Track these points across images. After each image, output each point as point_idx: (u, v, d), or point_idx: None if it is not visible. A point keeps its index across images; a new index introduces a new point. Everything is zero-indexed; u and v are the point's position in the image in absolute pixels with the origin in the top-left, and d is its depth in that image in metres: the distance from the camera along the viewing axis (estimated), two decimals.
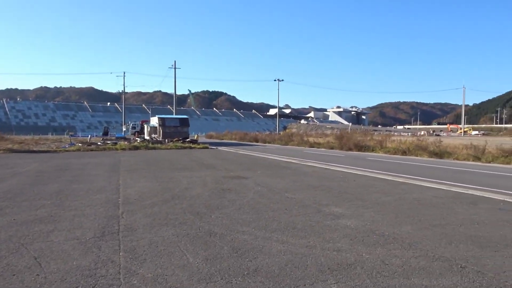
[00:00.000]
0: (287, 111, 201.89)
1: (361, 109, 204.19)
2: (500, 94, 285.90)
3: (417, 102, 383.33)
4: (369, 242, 5.06)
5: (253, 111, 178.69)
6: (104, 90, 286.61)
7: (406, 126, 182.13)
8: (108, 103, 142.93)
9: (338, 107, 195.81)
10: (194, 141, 33.43)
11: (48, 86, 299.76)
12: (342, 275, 3.93)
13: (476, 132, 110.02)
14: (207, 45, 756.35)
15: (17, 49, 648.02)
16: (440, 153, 20.64)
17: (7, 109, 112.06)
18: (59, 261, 4.30)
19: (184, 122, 37.55)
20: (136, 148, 27.48)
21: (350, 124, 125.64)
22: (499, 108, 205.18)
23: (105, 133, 67.30)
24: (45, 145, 32.58)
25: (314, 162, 17.48)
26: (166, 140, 32.72)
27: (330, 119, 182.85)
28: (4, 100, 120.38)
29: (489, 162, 17.71)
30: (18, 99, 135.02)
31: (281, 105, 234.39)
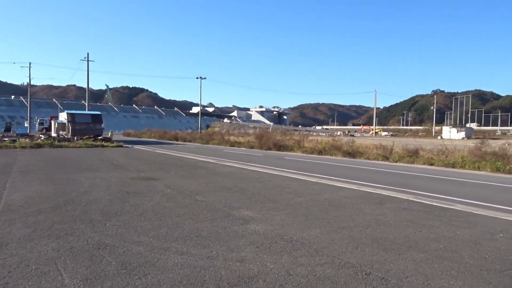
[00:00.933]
0: (211, 109, 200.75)
1: (282, 109, 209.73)
2: (406, 98, 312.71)
3: (334, 104, 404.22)
4: (276, 249, 4.74)
5: (176, 109, 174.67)
6: (9, 82, 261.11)
7: (324, 127, 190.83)
8: (13, 96, 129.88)
9: (261, 106, 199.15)
10: (107, 139, 31.34)
11: None
12: None
13: (386, 133, 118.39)
14: (127, 38, 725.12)
15: None
16: (353, 153, 21.52)
17: None
18: None
19: (96, 119, 35.12)
20: (39, 146, 24.96)
21: (272, 124, 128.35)
22: (405, 111, 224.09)
23: (7, 129, 60.93)
24: None
25: (232, 162, 17.15)
26: (76, 138, 30.29)
27: (253, 118, 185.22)
28: None
29: (396, 162, 18.79)
30: None
31: (205, 103, 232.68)
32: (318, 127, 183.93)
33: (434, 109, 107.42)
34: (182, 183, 10.19)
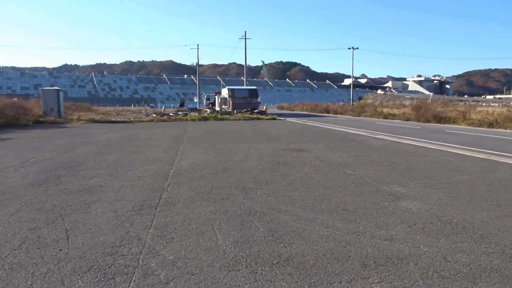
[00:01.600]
0: (363, 81, 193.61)
1: (445, 78, 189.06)
2: None
3: (511, 69, 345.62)
4: (431, 231, 4.28)
5: (327, 81, 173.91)
6: (183, 63, 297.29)
7: (497, 96, 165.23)
8: (185, 76, 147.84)
9: (419, 76, 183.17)
10: (262, 112, 33.15)
11: (132, 60, 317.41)
12: (389, 272, 3.27)
13: None
14: (280, 14, 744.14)
15: (105, 27, 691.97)
16: None
17: (95, 83, 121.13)
18: (88, 236, 4.15)
19: (253, 93, 37.36)
20: (205, 119, 27.90)
21: (432, 94, 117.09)
22: None
23: (181, 105, 69.72)
24: (125, 115, 34.50)
25: (384, 135, 16.24)
26: (235, 111, 32.85)
27: (409, 89, 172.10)
28: (93, 74, 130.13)
29: None
30: (105, 73, 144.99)
31: (357, 75, 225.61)
32: (489, 97, 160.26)
33: None
34: (331, 155, 10.09)
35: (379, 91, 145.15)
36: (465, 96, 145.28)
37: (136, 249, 3.79)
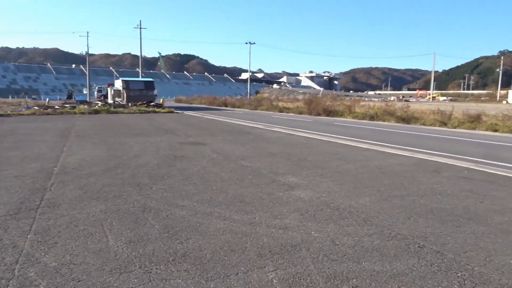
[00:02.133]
0: (260, 75, 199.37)
1: (333, 74, 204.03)
2: (469, 60, 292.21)
3: (388, 68, 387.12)
4: (321, 217, 4.53)
5: (225, 75, 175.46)
6: (70, 51, 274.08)
7: (377, 92, 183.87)
8: (73, 65, 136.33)
9: (311, 72, 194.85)
10: (159, 105, 32.13)
11: (9, 46, 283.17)
12: (284, 260, 3.37)
13: (444, 98, 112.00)
14: (178, 5, 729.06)
15: None
16: (407, 118, 20.48)
17: None
18: None
19: (149, 85, 35.97)
20: (97, 112, 26.10)
21: (322, 89, 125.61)
22: (466, 75, 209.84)
23: (69, 97, 64.30)
24: (0, 108, 30.57)
25: (280, 128, 16.91)
26: (130, 104, 31.31)
27: (302, 84, 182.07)
28: None
29: (455, 128, 17.65)
30: None
31: (254, 69, 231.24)
32: (371, 92, 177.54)
33: (500, 72, 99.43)
34: (228, 148, 10.16)
35: (275, 86, 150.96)
36: (351, 91, 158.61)
37: (11, 258, 3.34)
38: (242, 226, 4.22)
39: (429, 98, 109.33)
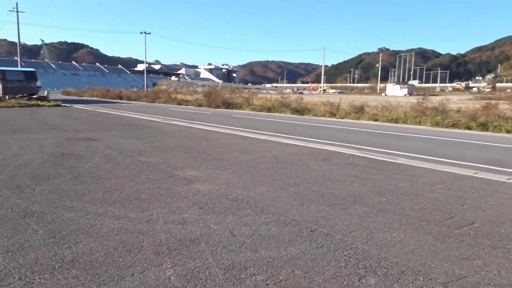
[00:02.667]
0: (157, 67, 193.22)
1: (232, 67, 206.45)
2: (354, 56, 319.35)
3: (284, 62, 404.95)
4: (220, 210, 4.56)
5: (119, 66, 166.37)
6: None
7: (274, 85, 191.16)
8: None
9: (210, 64, 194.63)
10: (43, 98, 29.24)
11: None
12: (182, 255, 3.31)
13: (334, 90, 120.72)
14: None
15: None
16: (301, 110, 21.66)
17: None
18: None
19: (30, 76, 32.45)
20: None
21: (221, 81, 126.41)
22: (352, 69, 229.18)
23: None
24: None
25: (178, 121, 16.61)
26: (7, 97, 27.96)
27: (202, 76, 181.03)
28: None
29: (343, 118, 19.16)
30: None
31: (151, 61, 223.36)
32: (268, 85, 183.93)
33: (379, 67, 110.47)
34: (123, 143, 9.67)
35: (173, 78, 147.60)
36: (249, 84, 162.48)
37: None
38: (139, 224, 4.05)
39: (321, 90, 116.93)
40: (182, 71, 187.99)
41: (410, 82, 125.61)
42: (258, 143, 10.02)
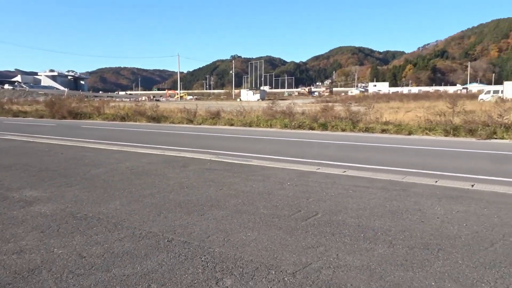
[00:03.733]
0: None
1: (79, 73, 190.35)
2: (208, 63, 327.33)
3: (137, 68, 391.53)
4: (66, 231, 4.12)
5: None
6: None
7: (129, 92, 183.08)
8: None
9: (52, 70, 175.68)
10: None
11: None
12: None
13: (191, 97, 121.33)
14: None
15: None
16: (157, 118, 21.17)
17: None
18: None
19: None
20: None
21: (67, 89, 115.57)
22: (208, 76, 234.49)
23: None
24: None
25: (14, 135, 14.56)
26: None
27: (43, 84, 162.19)
28: None
29: (200, 124, 19.38)
30: None
31: None
32: (122, 93, 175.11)
33: (233, 73, 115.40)
34: None
35: (6, 86, 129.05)
36: (100, 92, 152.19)
37: None
38: None
39: (178, 97, 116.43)
40: (18, 78, 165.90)
41: (262, 88, 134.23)
42: (111, 155, 9.42)
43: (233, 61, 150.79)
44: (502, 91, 43.15)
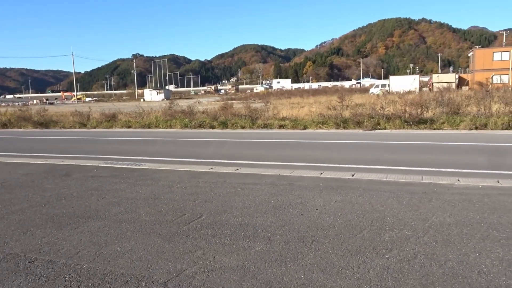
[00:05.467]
0: None
1: None
2: (108, 62, 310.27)
3: (27, 69, 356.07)
4: None
5: None
6: None
7: (17, 95, 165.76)
8: None
9: None
10: None
11: None
12: None
13: (90, 98, 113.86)
14: None
15: None
16: (46, 123, 19.40)
17: None
18: None
19: None
20: None
21: None
22: (108, 76, 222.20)
23: None
24: None
25: None
26: None
27: None
28: None
29: (95, 127, 18.18)
30: None
31: None
32: (9, 96, 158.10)
33: (135, 73, 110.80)
34: None
35: None
36: None
37: None
38: None
39: (75, 99, 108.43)
40: None
41: (167, 87, 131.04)
42: None
43: (135, 60, 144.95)
44: (388, 85, 47.59)
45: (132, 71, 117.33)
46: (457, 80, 48.75)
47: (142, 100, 79.54)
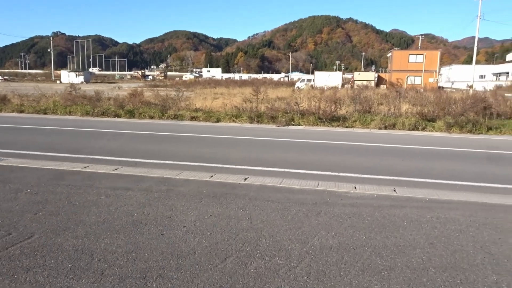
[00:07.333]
0: None
1: None
2: (25, 39, 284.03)
3: None
4: None
5: None
6: None
7: None
8: None
9: None
10: None
11: None
12: None
13: (0, 77, 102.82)
14: None
15: None
16: None
17: None
18: None
19: None
20: None
21: None
22: (23, 53, 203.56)
23: None
24: None
25: None
26: None
27: None
28: None
29: None
30: None
31: None
32: None
33: (52, 52, 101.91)
34: None
35: None
36: None
37: None
38: None
39: None
40: None
41: (90, 70, 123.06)
42: None
43: (52, 38, 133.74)
44: (313, 80, 48.41)
45: (49, 50, 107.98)
46: (376, 79, 50.95)
47: (58, 82, 73.57)
